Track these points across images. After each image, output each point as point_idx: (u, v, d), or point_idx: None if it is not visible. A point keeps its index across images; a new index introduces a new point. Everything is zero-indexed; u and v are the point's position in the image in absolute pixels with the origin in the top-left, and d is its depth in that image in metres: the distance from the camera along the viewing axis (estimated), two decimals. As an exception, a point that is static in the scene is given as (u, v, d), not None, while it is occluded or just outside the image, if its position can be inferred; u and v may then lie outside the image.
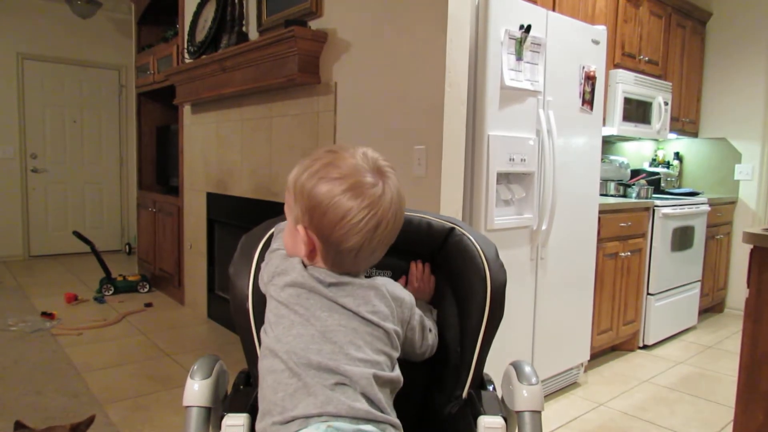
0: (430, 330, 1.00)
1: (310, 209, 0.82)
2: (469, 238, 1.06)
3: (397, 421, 0.85)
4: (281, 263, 0.91)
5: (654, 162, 4.29)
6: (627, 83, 3.29)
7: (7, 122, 5.31)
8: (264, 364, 0.86)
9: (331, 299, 0.84)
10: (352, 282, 0.86)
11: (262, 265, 0.97)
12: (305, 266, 0.88)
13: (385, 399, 0.84)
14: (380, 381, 0.84)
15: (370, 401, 0.81)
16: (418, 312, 0.96)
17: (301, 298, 0.85)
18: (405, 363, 0.99)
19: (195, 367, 0.99)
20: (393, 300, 0.89)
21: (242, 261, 1.07)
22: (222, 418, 0.96)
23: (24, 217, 5.47)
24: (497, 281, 1.03)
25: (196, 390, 0.96)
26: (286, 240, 0.91)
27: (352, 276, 0.88)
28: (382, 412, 0.82)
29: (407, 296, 0.93)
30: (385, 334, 0.86)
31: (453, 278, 1.07)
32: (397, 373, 0.88)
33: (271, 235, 1.08)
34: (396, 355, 0.89)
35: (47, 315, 3.43)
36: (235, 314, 1.04)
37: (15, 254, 5.45)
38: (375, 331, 0.85)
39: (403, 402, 1.04)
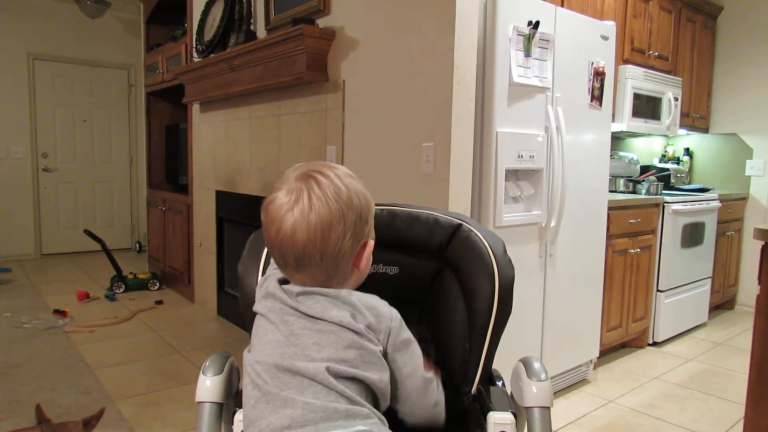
0: (431, 380, 0.93)
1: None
2: (476, 234, 1.06)
3: (367, 411, 0.80)
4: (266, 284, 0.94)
5: (664, 158, 4.26)
6: (636, 79, 3.27)
7: (18, 122, 5.37)
8: (243, 382, 0.88)
9: (294, 307, 0.85)
10: (319, 291, 0.86)
11: (261, 280, 0.98)
12: (281, 282, 0.90)
13: (354, 391, 0.80)
14: (338, 374, 0.80)
15: (335, 393, 0.79)
16: (410, 338, 0.91)
17: (275, 307, 0.87)
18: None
19: (207, 364, 1.01)
20: (366, 309, 0.86)
21: (251, 258, 1.08)
22: (234, 413, 0.97)
23: (36, 215, 5.53)
24: (505, 277, 1.03)
25: (209, 386, 0.98)
26: None
27: (321, 287, 0.87)
28: (350, 400, 0.79)
29: (386, 309, 0.88)
30: (355, 333, 0.83)
31: (461, 274, 1.07)
32: (362, 372, 0.81)
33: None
34: (376, 348, 0.84)
35: (59, 312, 3.48)
36: (244, 311, 1.06)
37: (27, 253, 5.51)
38: (343, 332, 0.83)
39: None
